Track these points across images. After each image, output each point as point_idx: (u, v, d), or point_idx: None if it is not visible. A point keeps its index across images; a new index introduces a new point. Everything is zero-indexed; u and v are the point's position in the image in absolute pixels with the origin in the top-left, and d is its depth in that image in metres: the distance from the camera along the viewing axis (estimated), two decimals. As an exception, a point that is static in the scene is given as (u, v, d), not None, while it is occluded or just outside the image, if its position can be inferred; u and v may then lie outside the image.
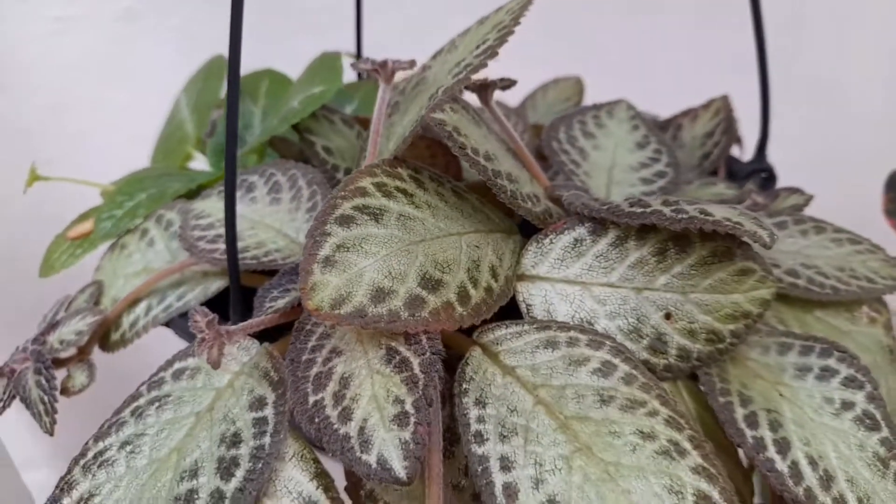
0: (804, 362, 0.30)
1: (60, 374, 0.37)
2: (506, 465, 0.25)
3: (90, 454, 0.29)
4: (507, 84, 0.34)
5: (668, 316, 0.29)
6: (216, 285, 0.35)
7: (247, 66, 0.51)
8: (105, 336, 0.37)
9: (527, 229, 0.32)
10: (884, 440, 0.29)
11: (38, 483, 0.79)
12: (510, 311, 0.30)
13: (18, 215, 0.67)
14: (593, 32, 0.74)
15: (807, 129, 0.86)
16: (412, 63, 0.33)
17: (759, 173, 0.43)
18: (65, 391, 0.36)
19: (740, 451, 0.30)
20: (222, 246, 0.33)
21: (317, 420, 0.25)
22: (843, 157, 0.65)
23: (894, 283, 0.34)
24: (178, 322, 0.35)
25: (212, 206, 0.36)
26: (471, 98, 0.38)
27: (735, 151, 0.48)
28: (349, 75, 0.47)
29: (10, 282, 0.63)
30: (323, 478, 0.26)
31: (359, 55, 0.55)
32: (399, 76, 0.35)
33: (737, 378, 0.30)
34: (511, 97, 0.56)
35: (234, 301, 0.31)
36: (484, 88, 0.33)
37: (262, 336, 0.31)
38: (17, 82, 0.66)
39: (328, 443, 0.25)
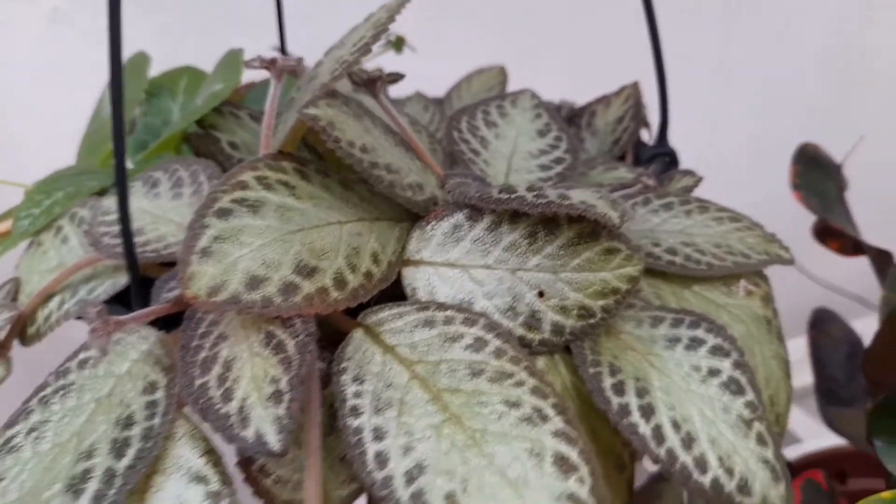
0: (674, 334, 0.33)
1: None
2: (378, 435, 0.27)
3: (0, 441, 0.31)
4: (394, 78, 0.36)
5: (541, 294, 0.32)
6: (126, 278, 0.37)
7: (183, 61, 0.53)
8: (23, 331, 0.39)
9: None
10: (748, 403, 0.32)
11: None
12: (402, 294, 0.33)
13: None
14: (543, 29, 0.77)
15: (745, 116, 0.89)
16: (300, 61, 0.35)
17: (662, 157, 0.46)
18: (-18, 386, 0.38)
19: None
20: (126, 241, 0.35)
21: (201, 401, 0.28)
22: (778, 140, 0.68)
23: (768, 258, 0.37)
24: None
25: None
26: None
27: (644, 135, 0.50)
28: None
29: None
30: (212, 455, 0.28)
31: (283, 50, 0.57)
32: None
33: (609, 350, 0.32)
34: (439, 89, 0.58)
35: (133, 293, 0.33)
36: (372, 83, 0.36)
37: (167, 324, 0.33)
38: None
39: (211, 421, 0.27)
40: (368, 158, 0.31)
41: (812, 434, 0.64)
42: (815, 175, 0.51)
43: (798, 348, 0.88)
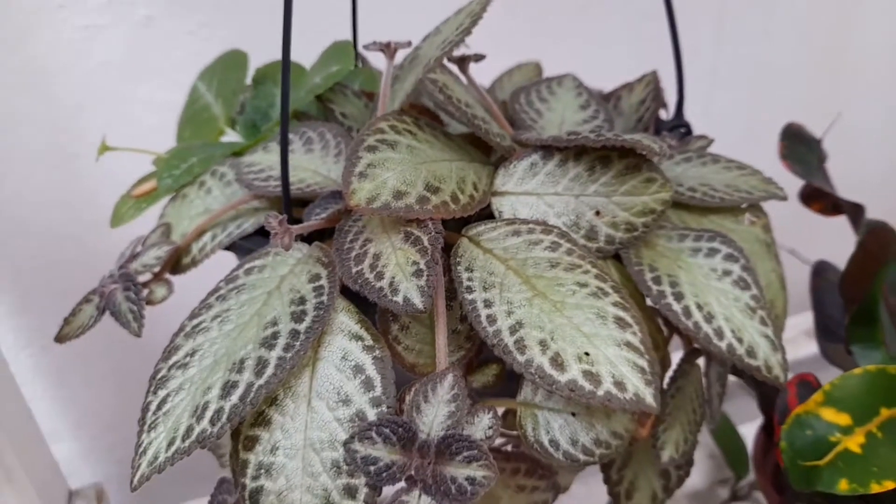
0: (696, 245, 0.45)
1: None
2: (488, 304, 0.39)
3: (188, 327, 0.43)
4: (479, 58, 0.49)
5: (597, 213, 0.44)
6: (258, 206, 0.49)
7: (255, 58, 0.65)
8: (177, 262, 0.51)
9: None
10: (753, 296, 0.44)
11: (63, 455, 0.92)
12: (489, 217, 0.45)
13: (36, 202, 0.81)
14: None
15: (736, 109, 1.02)
16: (409, 43, 0.48)
17: (679, 128, 0.58)
18: (149, 303, 0.50)
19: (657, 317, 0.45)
20: (273, 182, 0.48)
21: (359, 281, 0.40)
22: (769, 133, 0.80)
23: (766, 195, 0.49)
24: (238, 244, 0.49)
25: (259, 158, 0.51)
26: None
27: (662, 115, 0.63)
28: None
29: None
30: (364, 322, 0.40)
31: (354, 45, 0.69)
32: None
33: (648, 256, 0.44)
34: (483, 81, 0.71)
35: (286, 217, 0.45)
36: (462, 61, 0.48)
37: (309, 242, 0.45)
38: (51, 82, 0.79)
39: (369, 293, 0.39)
40: (470, 111, 0.44)
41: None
42: (799, 148, 0.63)
43: (795, 325, 1.01)
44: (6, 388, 0.82)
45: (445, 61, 0.49)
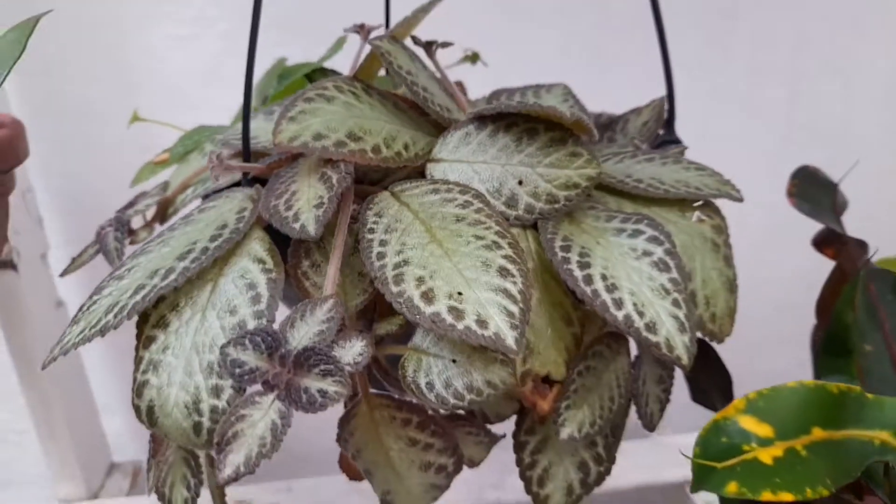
0: (622, 226, 0.46)
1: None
2: (383, 243, 0.42)
3: (137, 250, 0.48)
4: (445, 45, 0.52)
5: (520, 182, 0.45)
6: (239, 175, 0.54)
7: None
8: (164, 215, 0.57)
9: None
10: (672, 279, 0.44)
11: (113, 428, 0.99)
12: (426, 188, 0.48)
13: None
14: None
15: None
16: (381, 25, 0.52)
17: (670, 143, 0.59)
18: (133, 243, 0.56)
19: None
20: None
21: (272, 211, 0.43)
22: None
23: (717, 192, 0.49)
24: (212, 196, 0.54)
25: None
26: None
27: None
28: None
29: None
30: (272, 252, 0.44)
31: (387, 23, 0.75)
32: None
33: (567, 229, 0.45)
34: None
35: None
36: (429, 45, 0.52)
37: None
38: (136, 82, 0.90)
39: (275, 221, 0.42)
40: (411, 78, 0.47)
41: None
42: (811, 189, 0.61)
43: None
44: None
45: (414, 45, 0.53)
